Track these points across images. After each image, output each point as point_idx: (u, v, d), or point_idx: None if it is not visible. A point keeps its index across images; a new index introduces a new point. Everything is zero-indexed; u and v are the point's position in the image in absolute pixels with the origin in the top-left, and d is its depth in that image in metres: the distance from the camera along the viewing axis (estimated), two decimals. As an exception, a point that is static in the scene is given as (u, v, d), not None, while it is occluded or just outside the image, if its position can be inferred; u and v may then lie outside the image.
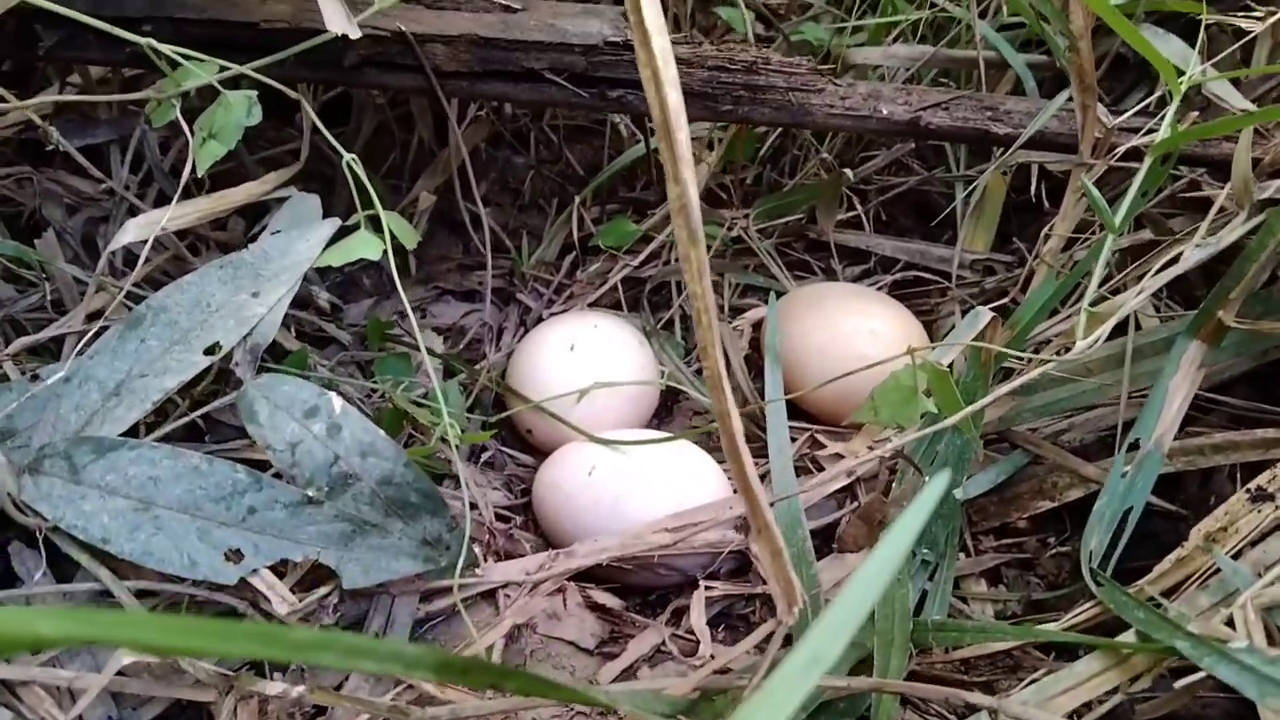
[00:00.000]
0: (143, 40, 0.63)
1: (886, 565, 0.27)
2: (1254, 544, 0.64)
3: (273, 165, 1.02)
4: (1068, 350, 0.67)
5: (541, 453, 0.92)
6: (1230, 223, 0.69)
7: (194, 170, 0.69)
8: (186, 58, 0.71)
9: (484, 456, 0.93)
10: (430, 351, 0.98)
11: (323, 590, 0.62)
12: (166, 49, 0.63)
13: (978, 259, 1.09)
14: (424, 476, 0.64)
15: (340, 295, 1.10)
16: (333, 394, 0.64)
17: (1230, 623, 0.57)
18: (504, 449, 0.94)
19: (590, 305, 1.06)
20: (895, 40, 1.16)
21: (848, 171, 1.09)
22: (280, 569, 0.61)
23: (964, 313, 1.04)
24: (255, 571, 0.60)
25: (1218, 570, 0.62)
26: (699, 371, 1.02)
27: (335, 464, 0.63)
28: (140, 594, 0.60)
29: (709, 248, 1.05)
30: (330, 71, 0.77)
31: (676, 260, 1.09)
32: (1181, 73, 0.76)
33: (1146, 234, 0.95)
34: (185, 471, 0.61)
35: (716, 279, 1.10)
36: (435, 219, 1.15)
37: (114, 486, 0.60)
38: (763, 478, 0.89)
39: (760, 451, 0.91)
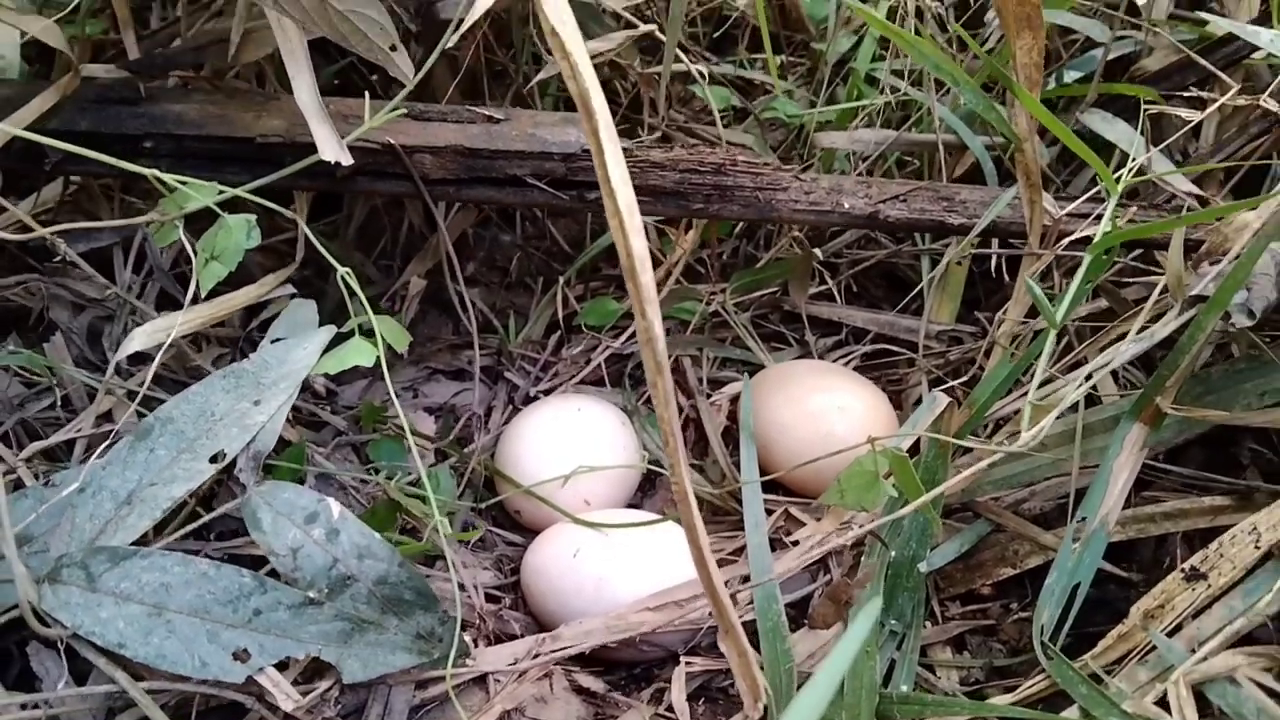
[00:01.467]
0: (147, 171, 0.68)
1: (833, 676, 0.32)
2: (1194, 617, 0.69)
3: (269, 253, 1.08)
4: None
5: (530, 531, 0.97)
6: (1165, 316, 0.74)
7: (197, 287, 0.74)
8: (184, 180, 0.76)
9: (476, 534, 0.97)
10: (421, 435, 1.03)
11: (324, 684, 0.66)
12: (168, 177, 0.67)
13: (943, 330, 1.14)
14: (417, 575, 0.69)
15: (334, 377, 1.14)
16: (331, 500, 0.68)
17: (1164, 699, 0.62)
18: (494, 529, 0.98)
19: (575, 383, 1.11)
20: (860, 123, 1.22)
21: (816, 251, 1.15)
22: (284, 665, 0.66)
23: (930, 384, 1.10)
24: (261, 669, 0.64)
25: (1154, 646, 0.67)
26: (679, 446, 1.07)
27: (334, 566, 0.67)
28: (153, 692, 0.64)
29: (687, 325, 1.12)
30: (324, 181, 0.82)
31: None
32: (1126, 159, 0.81)
33: (1103, 302, 1.00)
34: (195, 577, 0.65)
35: (695, 353, 1.15)
36: (425, 299, 1.19)
37: (129, 593, 0.65)
38: (740, 551, 0.94)
39: (738, 524, 0.96)
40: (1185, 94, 1.01)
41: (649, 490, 1.05)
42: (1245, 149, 1.05)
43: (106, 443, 0.78)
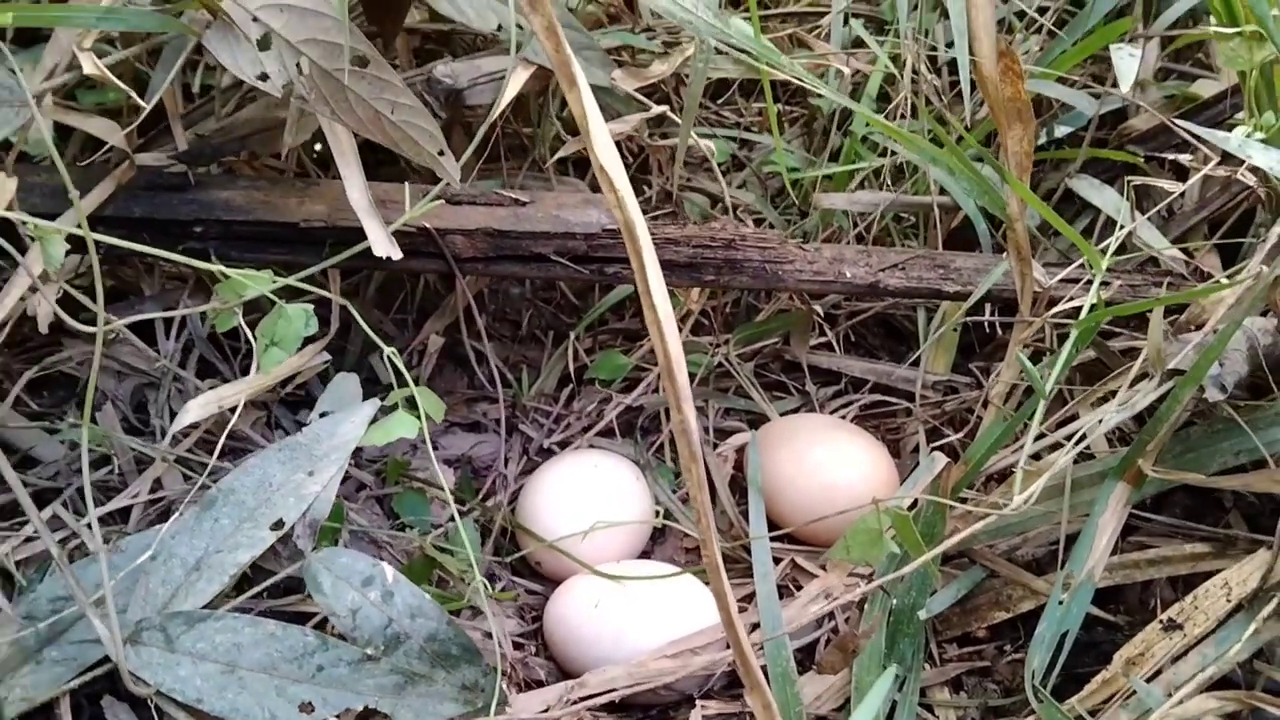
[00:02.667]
0: (214, 267, 0.74)
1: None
2: (1171, 663, 0.76)
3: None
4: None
5: (549, 580, 1.03)
6: (1146, 386, 0.81)
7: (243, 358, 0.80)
8: (233, 262, 0.82)
9: (498, 586, 1.03)
10: (456, 498, 1.09)
11: (380, 734, 0.73)
12: (236, 273, 0.74)
13: (939, 380, 1.21)
14: (463, 632, 0.76)
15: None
16: (385, 565, 0.75)
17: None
18: (514, 578, 1.05)
19: (589, 437, 1.17)
20: (858, 185, 1.28)
21: (817, 307, 1.21)
22: (344, 717, 0.72)
23: (927, 434, 1.17)
24: (324, 721, 0.71)
25: (1134, 691, 0.74)
26: (684, 497, 1.14)
27: (389, 625, 0.74)
28: (228, 745, 0.71)
29: (694, 376, 1.18)
30: (362, 260, 0.89)
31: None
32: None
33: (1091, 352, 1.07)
34: (263, 638, 0.72)
35: (701, 404, 1.22)
36: (441, 354, 1.26)
37: (204, 653, 0.71)
38: (749, 598, 1.01)
39: (745, 571, 1.03)
40: (1170, 156, 1.08)
41: (659, 539, 1.12)
42: (1228, 205, 1.11)
43: (157, 506, 0.85)
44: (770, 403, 1.24)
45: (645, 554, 1.08)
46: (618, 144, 1.11)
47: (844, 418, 1.22)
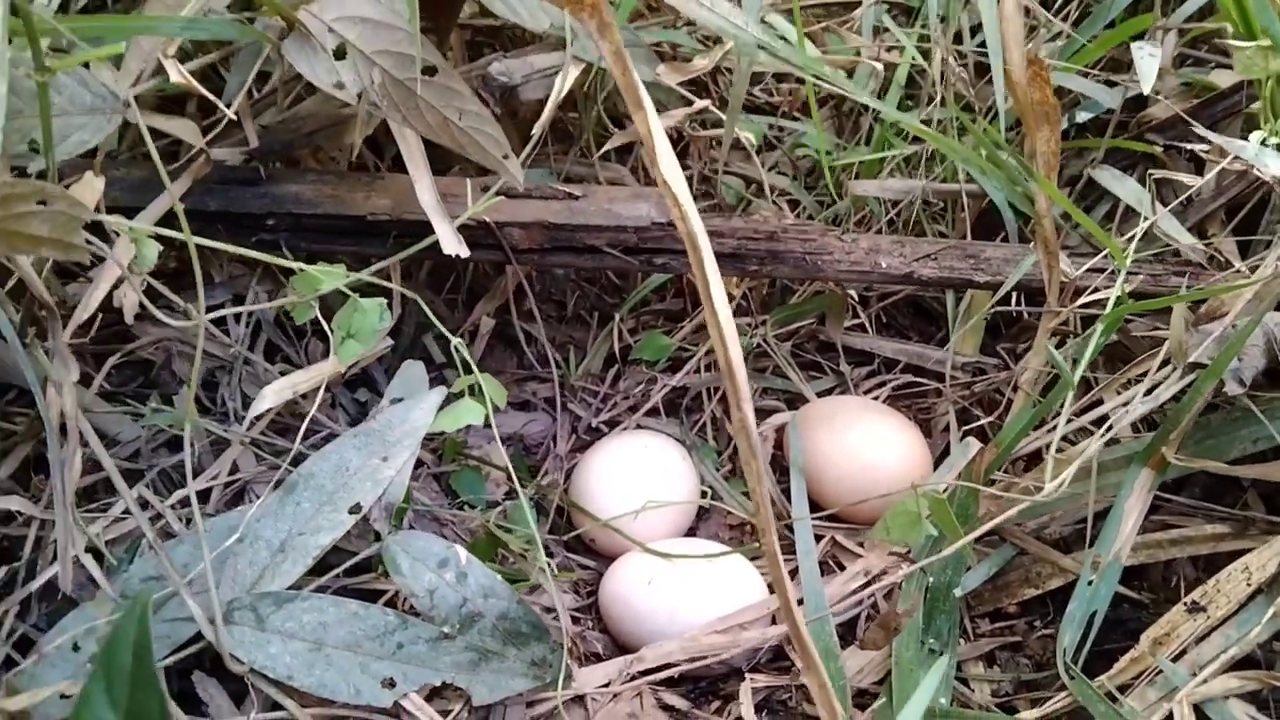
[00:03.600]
0: (293, 264, 0.79)
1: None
2: (1195, 644, 0.81)
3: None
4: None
5: (601, 556, 1.08)
6: (1168, 378, 0.86)
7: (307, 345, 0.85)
8: (303, 254, 0.87)
9: (554, 562, 1.08)
10: (498, 467, 1.14)
11: (456, 706, 0.78)
12: (318, 270, 0.78)
13: (968, 361, 1.25)
14: (531, 611, 0.81)
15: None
16: (458, 547, 0.80)
17: (1170, 717, 0.73)
18: (570, 554, 1.10)
19: (636, 417, 1.22)
20: (890, 172, 1.32)
21: (852, 291, 1.26)
22: (422, 691, 0.77)
23: (957, 413, 1.22)
24: (405, 695, 0.76)
25: (1161, 670, 0.79)
26: (728, 475, 1.19)
27: (464, 605, 0.79)
28: (317, 719, 0.76)
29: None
30: (428, 252, 0.93)
31: (708, 370, 1.25)
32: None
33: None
34: (346, 617, 0.77)
35: (740, 385, 1.26)
36: (491, 336, 1.30)
37: (292, 631, 0.76)
38: (793, 574, 1.06)
39: (786, 548, 1.08)
40: (1188, 146, 1.11)
41: (704, 517, 1.17)
42: (1245, 191, 1.15)
43: (233, 487, 0.90)
44: (806, 382, 1.28)
45: (691, 531, 1.13)
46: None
47: (877, 398, 1.26)
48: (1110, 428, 0.85)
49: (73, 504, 0.76)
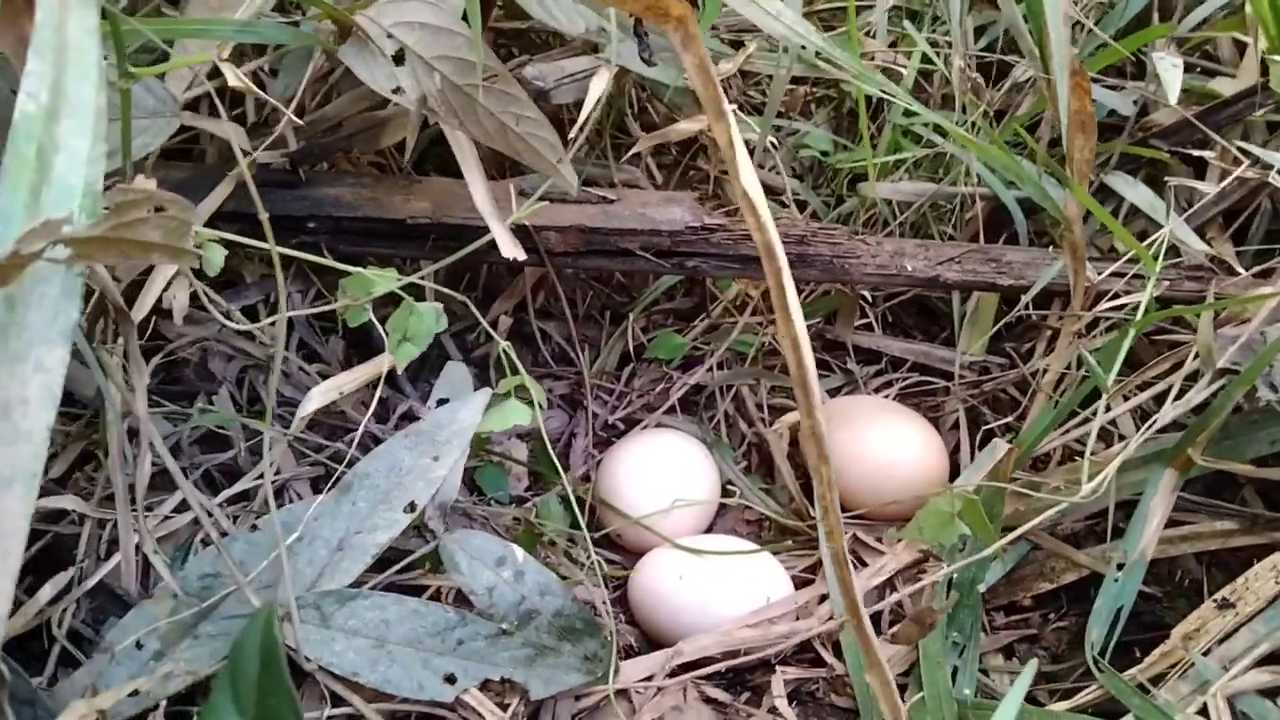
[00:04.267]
0: (351, 269, 0.80)
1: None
2: (1220, 642, 0.85)
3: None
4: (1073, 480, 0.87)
5: (628, 552, 1.11)
6: (1198, 383, 0.89)
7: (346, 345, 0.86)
8: (343, 256, 0.88)
9: (584, 557, 1.11)
10: (519, 462, 1.16)
11: (514, 700, 0.80)
12: (373, 274, 0.80)
13: (975, 360, 1.29)
14: (584, 608, 0.83)
15: (427, 400, 1.27)
16: (513, 546, 0.82)
17: (1204, 709, 0.77)
18: (597, 549, 1.12)
19: (655, 415, 1.24)
20: (900, 174, 1.35)
21: (865, 293, 1.29)
22: (483, 685, 0.79)
23: (966, 410, 1.25)
24: (466, 690, 0.78)
25: (1193, 664, 0.82)
26: (745, 470, 1.22)
27: (522, 602, 0.81)
28: (381, 714, 0.78)
29: (747, 357, 1.25)
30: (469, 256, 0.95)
31: (721, 368, 1.28)
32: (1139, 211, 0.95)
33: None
34: (408, 614, 0.79)
35: (753, 383, 1.29)
36: (508, 333, 1.32)
37: (355, 629, 0.78)
38: (813, 569, 1.09)
39: (807, 543, 1.11)
40: (1194, 151, 1.15)
41: (722, 512, 1.19)
42: (1244, 196, 1.18)
43: (268, 486, 0.91)
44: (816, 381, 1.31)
45: (710, 525, 1.15)
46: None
47: (887, 397, 1.29)
48: (1151, 424, 0.88)
49: (142, 506, 0.77)
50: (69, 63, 0.53)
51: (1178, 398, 0.90)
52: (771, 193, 1.34)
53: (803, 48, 1.03)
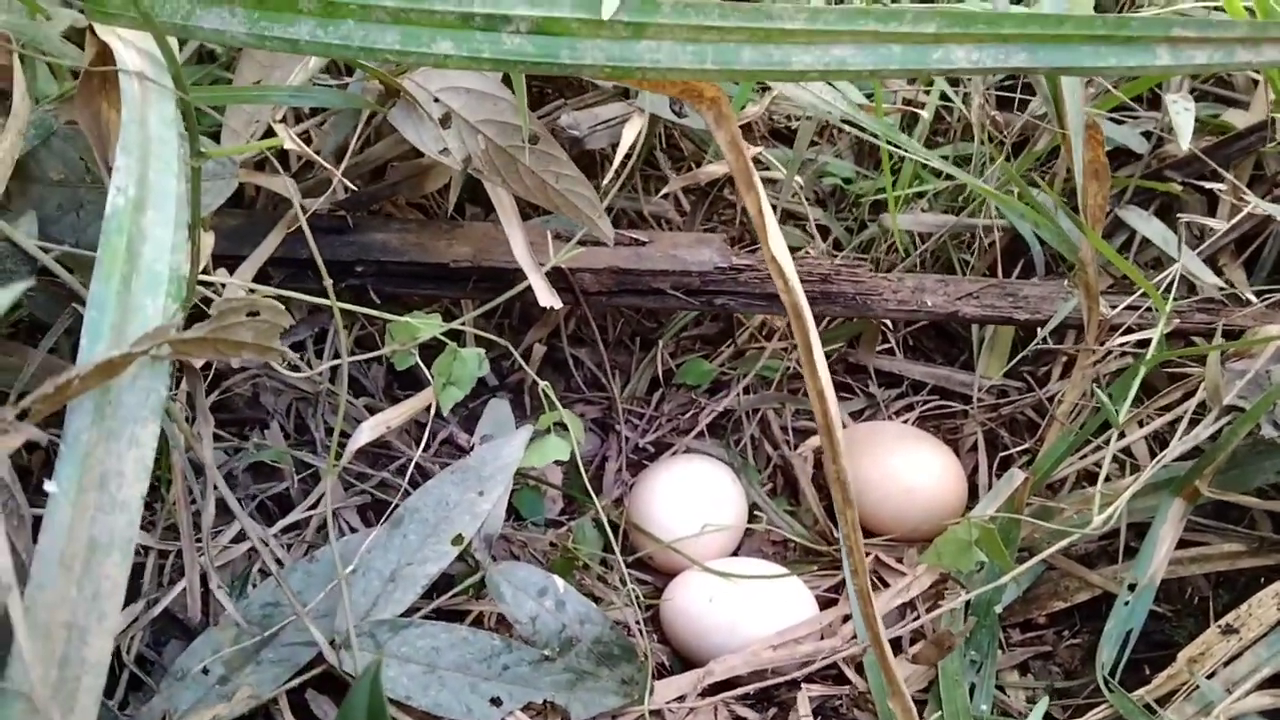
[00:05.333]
0: (392, 317, 0.86)
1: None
2: (1226, 664, 0.89)
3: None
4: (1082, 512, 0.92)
5: (659, 572, 1.16)
6: (1205, 419, 0.94)
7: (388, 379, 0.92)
8: (389, 298, 0.93)
9: (617, 577, 1.16)
10: (553, 485, 1.21)
11: (555, 722, 0.86)
12: (424, 323, 0.85)
13: (993, 385, 1.33)
14: (622, 634, 0.88)
15: (465, 428, 1.33)
16: (555, 577, 0.88)
17: (1209, 729, 0.82)
18: (631, 570, 1.17)
19: (685, 440, 1.29)
20: (920, 203, 1.39)
21: (887, 321, 1.33)
22: (527, 708, 0.85)
23: (985, 433, 1.30)
24: (511, 713, 0.83)
25: (1198, 686, 0.87)
26: (770, 493, 1.27)
27: (563, 630, 0.87)
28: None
29: (772, 381, 1.30)
30: (501, 294, 1.00)
31: (747, 393, 1.33)
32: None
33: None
34: (457, 641, 0.84)
35: (777, 407, 1.34)
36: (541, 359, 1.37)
37: (408, 655, 0.83)
38: (836, 588, 1.14)
39: (830, 564, 1.16)
40: (1207, 183, 1.20)
41: (749, 533, 1.24)
42: (1257, 223, 1.22)
43: (330, 523, 0.97)
44: (839, 404, 1.36)
45: (737, 547, 1.21)
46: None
47: (907, 420, 1.34)
48: (1159, 460, 0.93)
49: (208, 544, 0.83)
50: (152, 155, 0.58)
51: (1188, 428, 0.95)
52: (794, 219, 1.40)
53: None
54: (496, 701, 0.83)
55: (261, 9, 0.60)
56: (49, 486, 0.49)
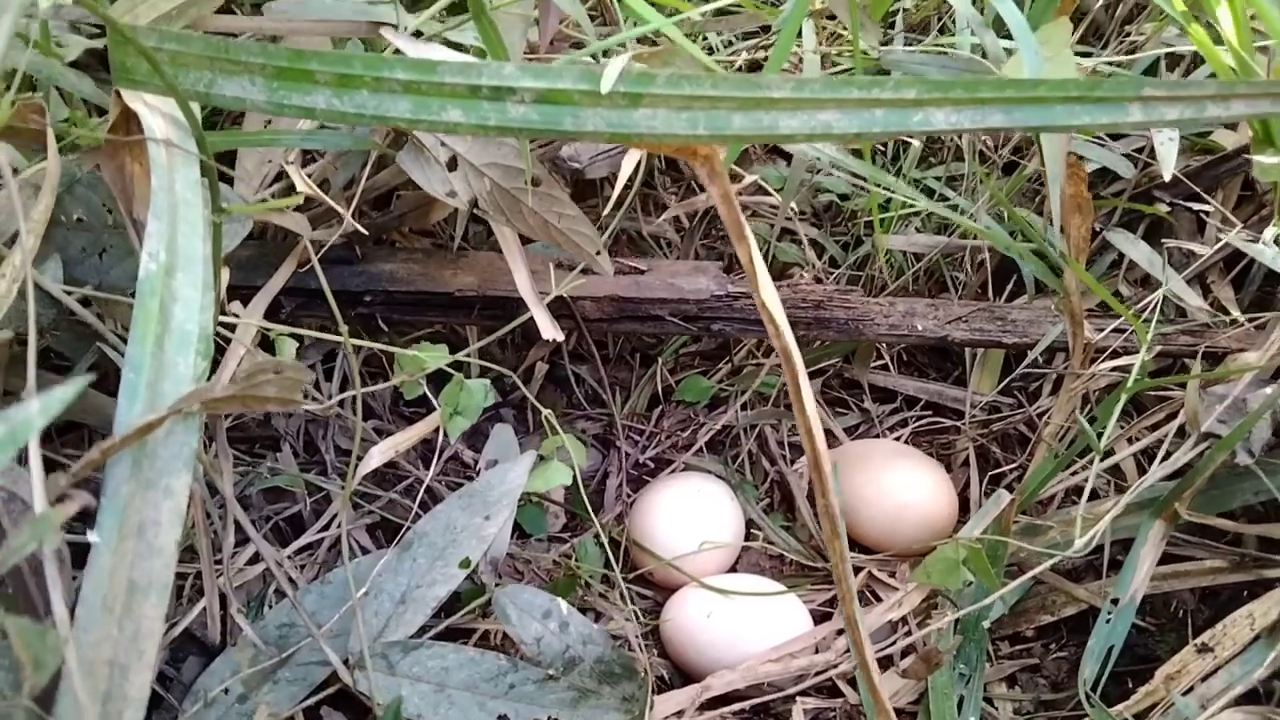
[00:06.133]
0: (397, 349, 0.90)
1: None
2: (1202, 680, 0.93)
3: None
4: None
5: (659, 587, 1.20)
6: (1184, 445, 0.98)
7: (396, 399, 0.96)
8: (397, 325, 0.97)
9: (617, 592, 1.20)
10: (555, 503, 1.25)
11: (559, 739, 0.90)
12: (409, 352, 0.89)
13: (986, 400, 1.37)
14: (624, 654, 0.92)
15: (470, 445, 1.36)
16: (559, 600, 0.91)
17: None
18: (631, 585, 1.21)
19: (684, 457, 1.33)
20: (914, 226, 1.43)
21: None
22: (531, 726, 0.89)
23: (976, 449, 1.34)
24: (516, 730, 0.88)
25: (1174, 703, 0.91)
26: (767, 509, 1.31)
27: (567, 651, 0.91)
28: (443, 751, 0.87)
29: (768, 398, 1.34)
30: (506, 323, 1.04)
31: (745, 409, 1.37)
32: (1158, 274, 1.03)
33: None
34: (465, 662, 0.88)
35: (774, 422, 1.38)
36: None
37: (419, 675, 0.87)
38: (829, 602, 1.17)
39: (825, 578, 1.20)
40: (1194, 205, 1.23)
41: (745, 550, 1.28)
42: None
43: (331, 533, 1.01)
44: (834, 419, 1.40)
45: (734, 562, 1.25)
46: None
47: (900, 436, 1.38)
48: (1139, 485, 0.97)
49: (228, 570, 0.87)
50: (180, 219, 0.62)
51: (1170, 452, 0.98)
52: (790, 235, 1.43)
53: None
54: (504, 719, 0.87)
55: (280, 79, 0.64)
56: (91, 536, 0.53)
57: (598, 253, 0.93)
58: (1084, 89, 0.66)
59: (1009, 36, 1.01)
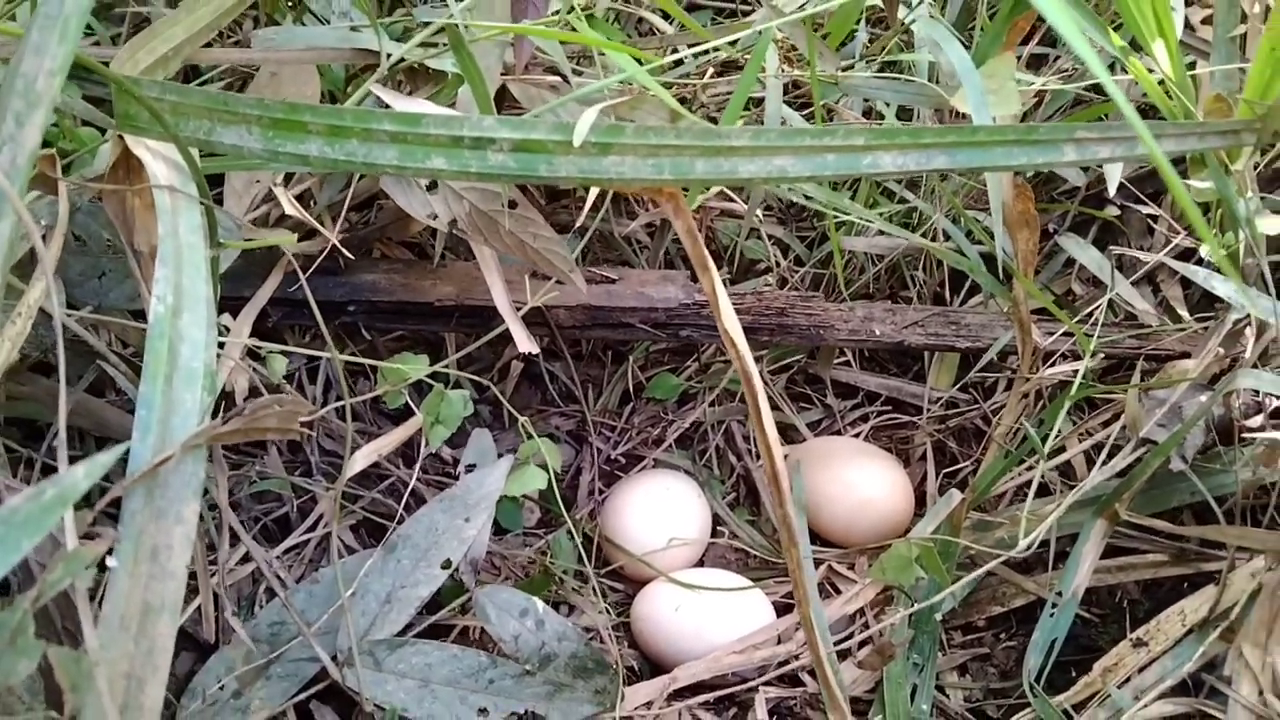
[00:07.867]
0: (384, 364, 0.95)
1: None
2: (1138, 672, 1.00)
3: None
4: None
5: (629, 580, 1.26)
6: (1124, 449, 1.04)
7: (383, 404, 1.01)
8: (378, 333, 1.02)
9: (589, 585, 1.25)
10: (531, 500, 1.31)
11: (536, 730, 0.95)
12: (391, 365, 0.94)
13: (943, 396, 1.43)
14: (597, 650, 0.98)
15: (450, 442, 1.41)
16: (536, 599, 0.97)
17: (1118, 733, 0.93)
18: (602, 579, 1.27)
19: (654, 454, 1.39)
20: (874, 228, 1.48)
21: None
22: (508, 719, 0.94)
23: (934, 443, 1.40)
24: (496, 723, 0.93)
25: (1110, 694, 0.97)
26: (732, 503, 1.37)
27: (543, 647, 0.96)
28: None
29: (734, 394, 1.40)
30: (483, 331, 1.09)
31: (712, 406, 1.42)
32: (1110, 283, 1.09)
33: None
34: (447, 659, 0.94)
35: (741, 419, 1.44)
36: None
37: (404, 672, 0.93)
38: (792, 595, 1.23)
39: (787, 572, 1.26)
40: (1143, 208, 1.29)
41: (712, 544, 1.34)
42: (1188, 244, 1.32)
43: (317, 532, 1.06)
44: (797, 414, 1.46)
45: (701, 555, 1.31)
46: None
47: (860, 431, 1.44)
48: (1079, 489, 1.03)
49: (223, 573, 0.92)
50: (184, 263, 0.67)
51: (1113, 451, 1.04)
52: (756, 234, 1.49)
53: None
54: (484, 712, 0.93)
55: (276, 129, 0.68)
56: (110, 562, 0.57)
57: (571, 271, 0.98)
58: (1021, 134, 0.71)
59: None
